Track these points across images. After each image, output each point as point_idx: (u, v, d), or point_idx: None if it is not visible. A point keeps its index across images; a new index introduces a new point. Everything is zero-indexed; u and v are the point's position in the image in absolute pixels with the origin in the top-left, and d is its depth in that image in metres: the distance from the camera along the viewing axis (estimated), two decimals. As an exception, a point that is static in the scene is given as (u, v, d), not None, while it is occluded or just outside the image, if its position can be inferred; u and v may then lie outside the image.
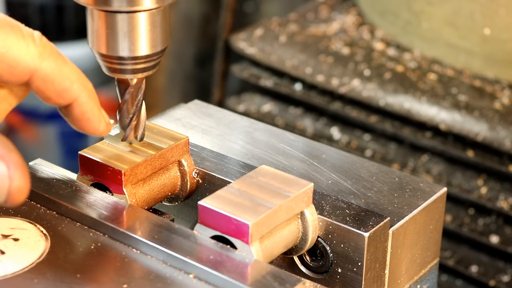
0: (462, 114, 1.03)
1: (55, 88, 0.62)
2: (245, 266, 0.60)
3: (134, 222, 0.65)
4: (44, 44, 0.62)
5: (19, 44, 0.60)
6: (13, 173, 0.57)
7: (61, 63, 0.62)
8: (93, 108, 0.65)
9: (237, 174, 0.71)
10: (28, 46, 0.61)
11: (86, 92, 0.64)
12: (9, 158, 0.57)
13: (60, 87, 0.63)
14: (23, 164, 0.58)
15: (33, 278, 0.60)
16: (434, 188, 0.72)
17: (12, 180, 0.57)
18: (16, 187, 0.57)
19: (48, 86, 0.62)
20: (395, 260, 0.69)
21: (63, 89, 0.63)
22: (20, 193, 0.58)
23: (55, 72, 0.62)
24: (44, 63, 0.61)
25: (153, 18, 0.65)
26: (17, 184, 0.57)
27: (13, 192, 0.57)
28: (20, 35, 0.61)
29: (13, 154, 0.57)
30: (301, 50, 1.14)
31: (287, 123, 1.16)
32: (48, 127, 2.07)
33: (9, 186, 0.57)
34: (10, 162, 0.57)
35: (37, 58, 0.61)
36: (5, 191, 0.57)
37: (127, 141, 0.70)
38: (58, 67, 0.62)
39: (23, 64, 0.61)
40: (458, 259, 1.07)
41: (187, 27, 1.72)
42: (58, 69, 0.62)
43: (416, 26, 1.12)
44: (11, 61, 0.60)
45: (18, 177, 0.57)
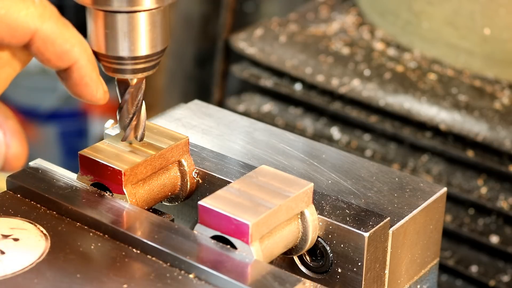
0: (462, 114, 1.03)
1: (55, 49, 0.62)
2: (245, 266, 0.60)
3: (134, 222, 0.65)
4: (44, 5, 0.61)
5: (18, 5, 0.60)
6: (9, 139, 0.57)
7: (62, 25, 0.62)
8: (91, 72, 0.64)
9: (237, 174, 0.71)
10: (28, 7, 0.60)
11: (86, 56, 0.63)
12: (6, 125, 0.57)
13: (60, 49, 0.62)
14: (20, 131, 0.58)
15: (33, 278, 0.60)
16: (434, 188, 0.72)
17: (9, 146, 0.57)
18: (13, 153, 0.57)
19: (49, 48, 0.61)
20: (395, 260, 0.69)
21: (63, 51, 0.62)
22: (17, 159, 0.58)
23: (55, 33, 0.61)
24: (45, 24, 0.61)
25: (153, 18, 0.65)
26: (14, 150, 0.57)
27: (10, 158, 0.57)
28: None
29: (10, 121, 0.57)
30: (301, 50, 1.14)
31: (287, 123, 1.16)
32: (48, 127, 2.07)
33: (6, 153, 0.57)
34: (7, 129, 0.57)
35: (37, 19, 0.60)
36: (2, 157, 0.57)
37: (127, 141, 0.70)
38: (58, 29, 0.61)
39: (23, 25, 0.60)
40: (458, 259, 1.07)
41: (187, 27, 1.72)
42: (59, 31, 0.61)
43: (416, 26, 1.12)
44: (11, 22, 0.60)
45: (15, 143, 0.57)
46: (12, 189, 0.69)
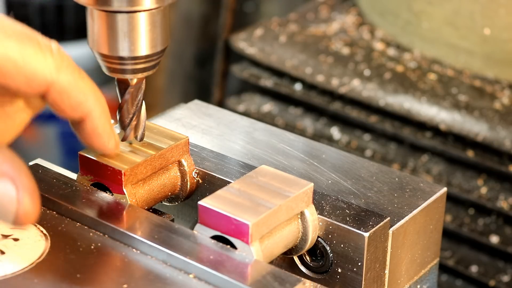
0: (462, 114, 1.03)
1: (70, 101, 0.62)
2: (245, 266, 0.60)
3: (134, 222, 0.65)
4: (61, 56, 0.61)
5: (36, 57, 0.59)
6: (21, 196, 0.57)
7: (78, 76, 0.62)
8: (104, 124, 0.64)
9: (237, 174, 0.71)
10: (46, 59, 0.60)
11: (99, 108, 0.63)
12: (19, 181, 0.57)
13: (76, 101, 0.62)
14: (33, 187, 0.57)
15: (33, 278, 0.60)
16: (434, 188, 0.72)
17: (20, 203, 0.57)
18: (24, 210, 0.57)
19: (64, 99, 0.62)
20: (395, 260, 0.69)
21: (78, 102, 0.62)
22: (28, 216, 0.57)
23: (71, 85, 0.61)
24: (61, 76, 0.61)
25: (153, 18, 0.65)
26: (25, 207, 0.57)
27: (21, 215, 0.57)
28: (38, 47, 0.60)
29: (23, 177, 0.57)
30: (301, 50, 1.14)
31: (287, 123, 1.16)
32: (48, 127, 2.07)
33: (17, 209, 0.57)
34: (19, 184, 0.57)
35: (55, 70, 0.60)
36: (13, 213, 0.57)
37: (127, 141, 0.70)
38: (74, 81, 0.61)
39: (41, 76, 0.60)
40: (458, 259, 1.07)
41: (187, 27, 1.72)
42: (75, 83, 0.61)
43: (416, 26, 1.12)
44: (29, 73, 0.60)
45: (27, 201, 0.57)
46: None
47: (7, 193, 0.56)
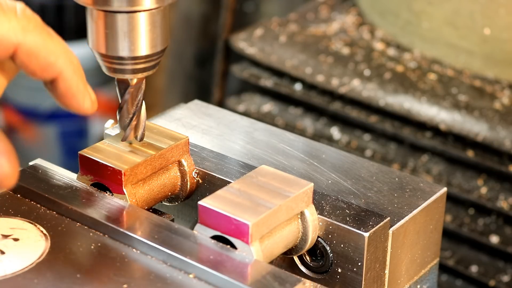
0: (462, 114, 1.03)
1: (39, 62, 0.61)
2: (245, 266, 0.60)
3: (134, 222, 0.65)
4: (27, 17, 0.61)
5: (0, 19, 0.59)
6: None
7: (46, 36, 0.61)
8: (78, 83, 0.63)
9: (237, 174, 0.71)
10: (10, 20, 0.60)
11: (71, 67, 0.63)
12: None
13: (45, 61, 0.62)
14: (9, 150, 0.57)
15: (33, 278, 0.60)
16: (434, 188, 0.72)
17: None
18: (2, 173, 0.57)
19: (32, 60, 0.61)
20: (395, 260, 0.69)
21: (48, 63, 0.62)
22: (8, 179, 0.58)
23: (39, 46, 0.61)
24: (28, 37, 0.60)
25: (153, 18, 0.65)
26: (3, 170, 0.57)
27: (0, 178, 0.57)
28: (0, 10, 0.60)
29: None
30: (301, 50, 1.14)
31: (287, 123, 1.16)
32: (48, 127, 2.07)
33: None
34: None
35: (20, 32, 0.60)
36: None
37: (127, 141, 0.70)
38: (42, 41, 0.61)
39: (6, 38, 0.60)
40: (458, 259, 1.07)
41: (187, 27, 1.72)
42: (43, 43, 0.61)
43: (416, 26, 1.12)
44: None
45: (4, 163, 0.57)
46: (12, 189, 0.69)
47: None
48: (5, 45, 0.60)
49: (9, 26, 0.60)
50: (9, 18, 0.60)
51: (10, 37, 0.60)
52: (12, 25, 0.60)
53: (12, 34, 0.60)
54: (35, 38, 0.61)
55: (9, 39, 0.60)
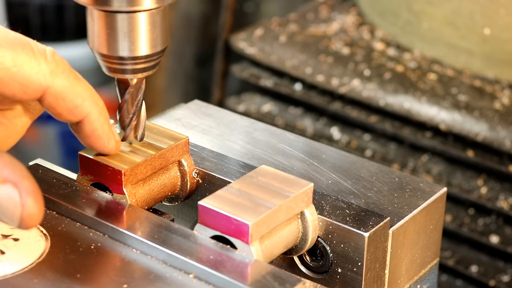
0: (462, 114, 1.03)
1: (66, 105, 0.63)
2: (245, 266, 0.60)
3: (134, 222, 0.65)
4: (56, 61, 0.62)
5: (30, 63, 0.61)
6: (25, 199, 0.57)
7: (73, 80, 0.63)
8: (103, 125, 0.65)
9: (237, 174, 0.71)
10: (40, 64, 0.61)
11: (97, 109, 0.64)
12: (21, 184, 0.57)
13: (72, 104, 0.63)
14: (36, 190, 0.58)
15: (33, 278, 0.60)
16: (434, 188, 0.72)
17: (24, 206, 0.57)
18: (28, 213, 0.57)
19: (60, 103, 0.63)
20: (395, 260, 0.69)
21: (75, 106, 0.63)
22: (33, 219, 0.58)
23: (67, 89, 0.62)
24: (56, 81, 0.62)
25: (153, 18, 0.65)
26: (29, 210, 0.57)
27: (25, 218, 0.57)
28: (31, 53, 0.61)
29: (26, 181, 0.58)
30: (301, 50, 1.14)
31: (287, 123, 1.16)
32: (48, 127, 2.07)
33: (21, 212, 0.57)
34: (22, 188, 0.57)
35: (49, 75, 0.61)
36: (18, 217, 0.57)
37: (127, 141, 0.70)
38: (70, 84, 0.62)
39: (35, 82, 0.61)
40: (458, 259, 1.07)
41: (187, 27, 1.72)
42: (70, 86, 0.62)
43: (416, 26, 1.12)
44: (23, 80, 0.61)
45: (30, 203, 0.57)
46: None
47: (11, 197, 0.57)
48: (35, 88, 0.61)
49: (38, 70, 0.61)
50: (39, 62, 0.61)
51: (40, 81, 0.61)
52: (42, 68, 0.61)
53: (41, 77, 0.61)
54: (63, 82, 0.62)
55: (38, 83, 0.61)
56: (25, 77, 0.61)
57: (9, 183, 0.57)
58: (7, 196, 0.57)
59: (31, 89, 0.61)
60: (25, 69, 0.60)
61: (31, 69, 0.61)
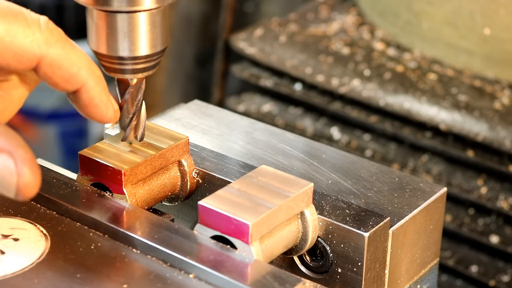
0: (462, 114, 1.03)
1: (62, 74, 0.62)
2: (245, 266, 0.60)
3: (134, 222, 0.65)
4: (50, 29, 0.61)
5: (24, 32, 0.60)
6: (20, 168, 0.57)
7: (69, 48, 0.62)
8: (100, 94, 0.64)
9: (237, 174, 0.71)
10: (34, 33, 0.61)
11: (94, 78, 0.64)
12: (17, 153, 0.57)
13: (68, 73, 0.62)
14: (31, 159, 0.58)
15: (33, 278, 0.60)
16: (434, 188, 0.72)
17: (20, 175, 0.57)
18: (24, 182, 0.57)
19: (56, 72, 0.62)
20: (395, 260, 0.69)
21: (71, 74, 0.62)
22: (30, 188, 0.57)
23: (62, 58, 0.62)
24: (51, 49, 0.61)
25: (153, 18, 0.65)
26: (26, 179, 0.57)
27: (22, 187, 0.57)
28: (24, 23, 0.60)
29: (21, 150, 0.57)
30: (301, 50, 1.14)
31: (287, 123, 1.16)
32: (48, 127, 2.07)
33: (17, 182, 0.57)
34: (17, 157, 0.57)
35: (43, 44, 0.61)
36: (14, 186, 0.57)
37: (127, 141, 0.70)
38: (65, 53, 0.62)
39: (29, 51, 0.61)
40: (458, 259, 1.07)
41: (187, 27, 1.72)
42: (65, 55, 0.62)
43: (416, 26, 1.12)
44: (17, 49, 0.60)
45: (26, 172, 0.57)
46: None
47: (6, 166, 0.57)
48: (29, 57, 0.61)
49: (32, 39, 0.61)
50: (33, 30, 0.61)
51: (34, 49, 0.61)
52: (36, 37, 0.61)
53: (35, 46, 0.61)
54: (58, 50, 0.62)
55: (33, 51, 0.61)
56: (19, 46, 0.60)
57: (4, 153, 0.57)
58: (3, 166, 0.57)
59: (26, 58, 0.61)
60: (19, 38, 0.60)
61: (25, 38, 0.60)
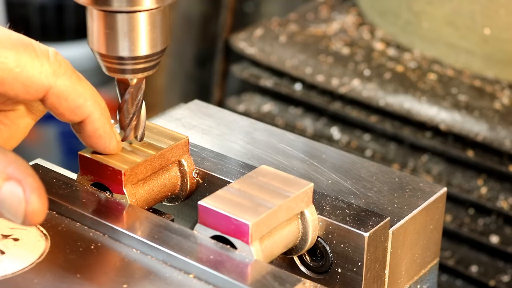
0: (462, 114, 1.03)
1: (68, 105, 0.63)
2: (245, 266, 0.60)
3: (134, 222, 0.65)
4: (59, 61, 0.62)
5: (33, 63, 0.61)
6: (29, 196, 0.58)
7: (75, 80, 0.63)
8: (105, 125, 0.66)
9: (237, 174, 0.71)
10: (42, 65, 0.61)
11: (99, 109, 0.65)
12: (25, 181, 0.58)
13: (74, 104, 0.63)
14: (40, 187, 0.58)
15: (33, 278, 0.60)
16: (434, 188, 0.72)
17: (28, 203, 0.58)
18: (32, 209, 0.58)
19: (62, 103, 0.63)
20: (395, 260, 0.69)
21: (77, 106, 0.64)
22: (37, 215, 0.58)
23: (69, 89, 0.63)
24: (59, 81, 0.62)
25: (153, 18, 0.65)
26: (33, 207, 0.58)
27: (29, 214, 0.58)
28: (34, 54, 0.61)
29: (30, 178, 0.58)
30: (301, 50, 1.14)
31: (287, 123, 1.16)
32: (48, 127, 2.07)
33: (25, 209, 0.58)
34: (26, 185, 0.58)
35: (52, 76, 0.62)
36: (22, 213, 0.58)
37: (127, 141, 0.70)
38: (72, 85, 0.63)
39: (38, 82, 0.62)
40: (458, 259, 1.07)
41: (187, 27, 1.72)
42: (72, 87, 0.63)
43: (416, 26, 1.12)
44: (26, 80, 0.61)
45: (35, 200, 0.58)
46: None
47: (15, 194, 0.58)
48: (37, 88, 0.62)
49: (41, 70, 0.62)
50: (41, 62, 0.62)
51: (42, 81, 0.62)
52: (44, 69, 0.62)
53: (44, 77, 0.62)
54: (65, 82, 0.63)
55: (41, 83, 0.62)
56: (28, 77, 0.61)
57: (13, 180, 0.58)
58: (11, 193, 0.57)
59: (34, 89, 0.62)
60: (28, 69, 0.61)
61: (34, 69, 0.61)
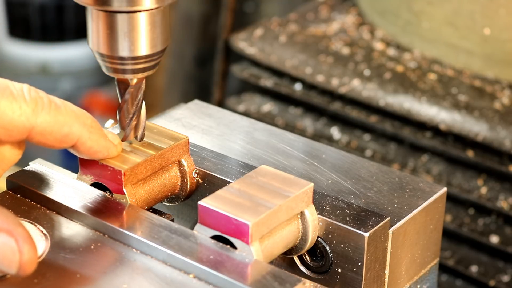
0: (462, 114, 1.03)
1: (54, 137, 0.63)
2: (245, 266, 0.60)
3: (134, 222, 0.65)
4: (34, 99, 0.62)
5: (12, 107, 0.61)
6: (22, 246, 0.58)
7: (55, 112, 0.63)
8: (98, 141, 0.66)
9: (237, 174, 0.71)
10: (21, 107, 0.61)
11: (86, 129, 0.65)
12: (17, 233, 0.58)
13: (60, 135, 0.64)
14: (29, 237, 0.58)
15: (33, 278, 0.60)
16: (434, 188, 0.72)
17: (22, 253, 0.58)
18: (26, 259, 0.58)
19: (48, 138, 0.63)
20: (395, 260, 0.69)
21: (63, 136, 0.64)
22: (30, 264, 0.58)
23: (51, 124, 0.63)
24: (39, 119, 0.62)
25: (153, 18, 0.65)
26: (27, 257, 0.58)
27: (24, 264, 0.58)
28: (11, 97, 0.61)
29: (19, 228, 0.58)
30: (301, 50, 1.14)
31: (287, 123, 1.16)
32: (48, 127, 2.07)
33: (20, 259, 0.58)
34: (18, 236, 0.58)
35: (32, 116, 0.62)
36: (16, 263, 0.58)
37: (127, 141, 0.70)
38: (53, 118, 0.63)
39: (19, 125, 0.62)
40: (458, 259, 1.07)
41: (187, 27, 1.72)
42: (54, 120, 0.63)
43: (416, 26, 1.12)
44: (7, 124, 0.61)
45: (27, 250, 0.58)
46: (12, 189, 0.69)
47: (7, 245, 0.58)
48: (19, 130, 0.62)
49: (20, 112, 0.62)
50: (19, 104, 0.62)
51: (23, 123, 0.62)
52: (23, 110, 0.62)
53: (24, 119, 0.62)
54: (46, 118, 0.63)
55: (22, 125, 0.62)
56: (8, 121, 0.61)
57: (3, 232, 0.58)
58: (3, 245, 0.57)
59: (16, 132, 0.62)
60: (7, 113, 0.61)
61: (13, 113, 0.61)
